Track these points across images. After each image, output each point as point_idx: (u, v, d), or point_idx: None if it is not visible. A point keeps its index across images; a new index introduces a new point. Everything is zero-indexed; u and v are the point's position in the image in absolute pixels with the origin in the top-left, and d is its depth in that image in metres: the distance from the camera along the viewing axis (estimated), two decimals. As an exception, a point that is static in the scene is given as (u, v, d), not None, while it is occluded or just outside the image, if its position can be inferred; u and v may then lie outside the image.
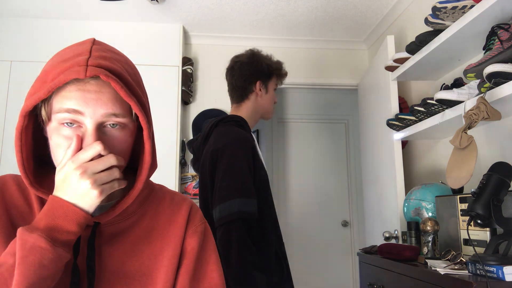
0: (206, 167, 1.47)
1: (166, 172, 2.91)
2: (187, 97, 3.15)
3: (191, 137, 3.20)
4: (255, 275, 1.30)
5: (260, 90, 1.62)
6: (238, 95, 1.63)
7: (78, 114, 0.66)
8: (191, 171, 3.15)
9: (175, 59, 3.08)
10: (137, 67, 0.80)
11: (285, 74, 1.71)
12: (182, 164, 3.09)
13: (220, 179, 1.39)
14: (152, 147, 0.72)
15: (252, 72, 1.62)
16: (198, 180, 3.12)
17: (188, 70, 3.16)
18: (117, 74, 0.68)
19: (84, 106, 0.65)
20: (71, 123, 0.67)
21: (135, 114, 0.70)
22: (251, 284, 1.29)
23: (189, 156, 3.19)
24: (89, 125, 0.66)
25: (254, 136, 1.62)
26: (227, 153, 1.41)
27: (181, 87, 3.08)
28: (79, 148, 0.65)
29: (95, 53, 0.68)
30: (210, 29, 3.22)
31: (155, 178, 0.91)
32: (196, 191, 3.11)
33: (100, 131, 0.68)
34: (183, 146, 3.12)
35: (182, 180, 3.11)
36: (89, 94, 0.66)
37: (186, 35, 3.28)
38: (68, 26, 3.03)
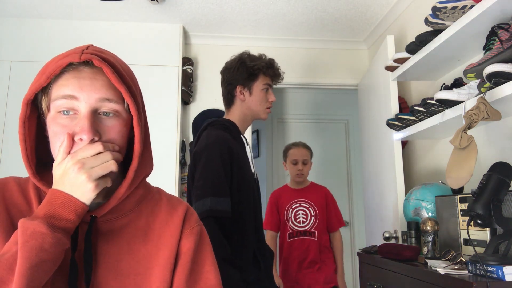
0: (190, 168, 1.57)
1: (166, 172, 2.91)
2: (187, 97, 3.15)
3: (191, 137, 3.20)
4: (227, 270, 1.31)
5: (241, 94, 1.65)
6: (226, 102, 1.71)
7: (74, 99, 0.70)
8: (191, 171, 3.15)
9: (175, 59, 3.08)
10: (137, 67, 0.82)
11: (276, 70, 1.69)
12: (182, 164, 3.09)
13: (197, 179, 1.47)
14: (142, 136, 0.75)
15: (230, 78, 1.66)
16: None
17: (188, 70, 3.16)
18: (110, 64, 0.73)
19: (79, 91, 0.70)
20: (67, 111, 0.71)
21: (127, 104, 0.74)
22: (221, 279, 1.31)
23: (189, 156, 3.19)
24: (83, 109, 0.71)
25: (244, 138, 1.64)
26: (204, 154, 1.49)
27: (181, 87, 3.07)
28: (71, 144, 0.69)
29: (92, 48, 0.74)
30: (210, 29, 3.22)
31: (155, 177, 0.91)
32: (196, 191, 3.11)
33: (95, 118, 0.71)
34: (183, 146, 3.12)
35: (182, 180, 3.11)
36: (83, 80, 0.71)
37: (186, 35, 3.28)
38: (68, 26, 3.03)
